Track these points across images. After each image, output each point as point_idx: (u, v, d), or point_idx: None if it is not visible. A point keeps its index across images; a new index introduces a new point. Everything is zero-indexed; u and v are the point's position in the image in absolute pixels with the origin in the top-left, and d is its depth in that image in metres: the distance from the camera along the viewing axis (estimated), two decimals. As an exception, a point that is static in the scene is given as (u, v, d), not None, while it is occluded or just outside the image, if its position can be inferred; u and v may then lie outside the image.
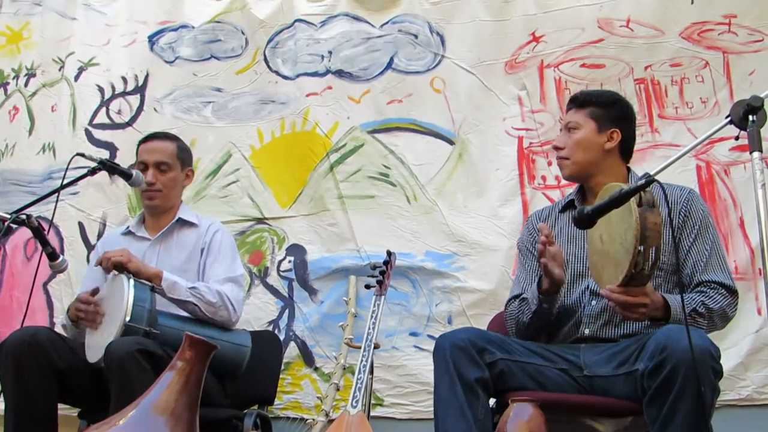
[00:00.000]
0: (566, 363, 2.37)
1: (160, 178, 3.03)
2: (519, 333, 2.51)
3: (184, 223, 3.09)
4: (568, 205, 2.65)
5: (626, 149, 2.60)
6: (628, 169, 2.60)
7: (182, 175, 3.13)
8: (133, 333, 2.56)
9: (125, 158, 3.79)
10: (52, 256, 2.71)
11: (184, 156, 3.14)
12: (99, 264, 2.83)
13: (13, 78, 4.09)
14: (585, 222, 2.07)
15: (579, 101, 2.61)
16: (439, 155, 3.65)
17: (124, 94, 3.97)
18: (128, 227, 3.16)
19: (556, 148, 2.61)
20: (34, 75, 4.06)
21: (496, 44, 3.70)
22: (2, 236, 2.55)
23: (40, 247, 2.73)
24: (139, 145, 3.16)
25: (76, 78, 4.00)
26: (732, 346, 3.16)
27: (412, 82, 3.75)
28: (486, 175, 3.60)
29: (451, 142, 3.66)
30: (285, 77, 3.88)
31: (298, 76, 3.86)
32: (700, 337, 2.03)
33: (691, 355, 1.90)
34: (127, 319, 2.56)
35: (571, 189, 2.85)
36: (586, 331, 2.42)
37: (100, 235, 3.78)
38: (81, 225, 3.82)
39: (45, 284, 3.77)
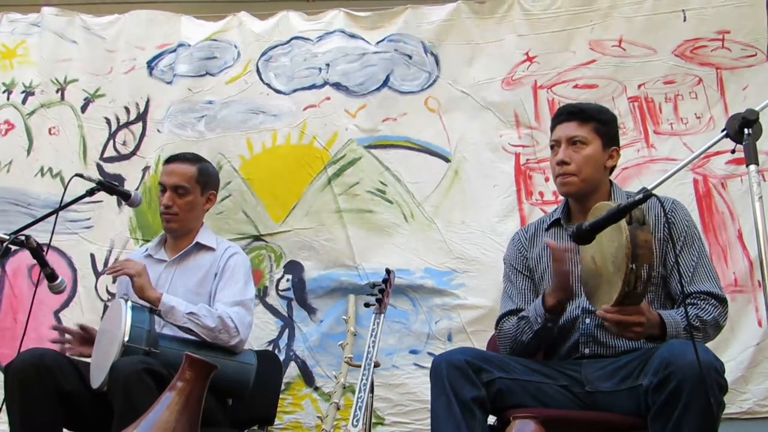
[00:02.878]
0: (567, 379, 2.36)
1: (177, 201, 2.99)
2: (514, 352, 2.48)
3: (201, 246, 3.05)
4: (554, 224, 2.64)
5: (614, 167, 2.60)
6: (611, 184, 2.58)
7: (202, 198, 3.06)
8: (132, 353, 2.54)
9: (133, 186, 3.79)
10: (51, 276, 2.70)
11: (205, 179, 3.06)
12: (111, 270, 2.88)
13: (3, 92, 4.05)
14: (584, 238, 2.06)
15: (584, 115, 2.54)
16: (435, 173, 3.66)
17: (127, 124, 3.94)
18: (147, 249, 3.14)
19: (562, 163, 2.49)
20: (32, 93, 4.00)
21: (491, 63, 3.74)
22: (1, 257, 2.54)
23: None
24: (163, 165, 3.14)
25: (83, 109, 3.97)
26: (732, 359, 3.17)
27: (407, 102, 3.76)
28: (484, 192, 3.61)
29: (446, 160, 3.68)
30: (277, 91, 3.87)
31: (294, 91, 3.85)
32: (705, 351, 2.03)
33: (699, 370, 1.90)
34: (126, 339, 2.55)
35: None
36: (586, 351, 2.42)
37: (106, 262, 3.75)
38: (92, 256, 3.79)
39: (57, 312, 3.72)
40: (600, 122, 2.54)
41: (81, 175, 2.85)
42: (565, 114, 2.57)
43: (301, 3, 4.12)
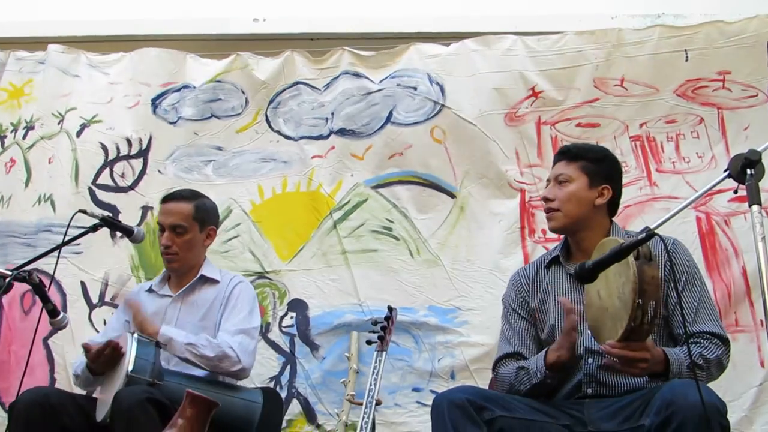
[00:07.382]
0: (569, 419, 2.33)
1: (176, 240, 3.00)
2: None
3: (206, 280, 3.07)
4: (554, 261, 2.65)
5: (614, 205, 2.62)
6: (611, 223, 2.60)
7: (201, 235, 3.07)
8: (136, 384, 2.55)
9: (127, 221, 3.73)
10: (53, 312, 2.68)
11: (202, 216, 3.07)
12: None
13: (11, 131, 4.07)
14: (586, 277, 2.06)
15: (571, 154, 2.61)
16: (441, 208, 3.67)
17: (128, 157, 3.95)
18: (151, 286, 3.15)
19: (546, 200, 2.58)
20: (32, 128, 4.03)
21: (496, 96, 3.73)
22: (3, 292, 2.54)
23: (38, 301, 2.72)
24: (160, 204, 3.16)
25: (78, 134, 3.98)
26: (735, 399, 3.14)
27: (412, 134, 3.76)
28: (488, 228, 3.61)
29: (452, 195, 3.68)
30: (287, 137, 3.89)
31: (301, 137, 3.87)
32: (707, 391, 2.02)
33: (702, 410, 1.89)
34: (130, 368, 2.57)
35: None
36: (589, 390, 2.40)
37: (101, 296, 3.75)
38: (83, 284, 3.77)
39: (45, 339, 3.69)
40: (588, 160, 2.58)
41: (84, 212, 2.87)
42: (558, 154, 2.67)
43: (305, 42, 4.14)
